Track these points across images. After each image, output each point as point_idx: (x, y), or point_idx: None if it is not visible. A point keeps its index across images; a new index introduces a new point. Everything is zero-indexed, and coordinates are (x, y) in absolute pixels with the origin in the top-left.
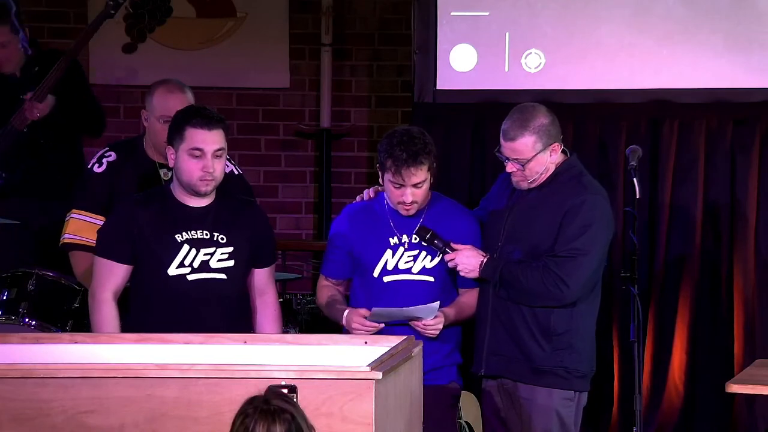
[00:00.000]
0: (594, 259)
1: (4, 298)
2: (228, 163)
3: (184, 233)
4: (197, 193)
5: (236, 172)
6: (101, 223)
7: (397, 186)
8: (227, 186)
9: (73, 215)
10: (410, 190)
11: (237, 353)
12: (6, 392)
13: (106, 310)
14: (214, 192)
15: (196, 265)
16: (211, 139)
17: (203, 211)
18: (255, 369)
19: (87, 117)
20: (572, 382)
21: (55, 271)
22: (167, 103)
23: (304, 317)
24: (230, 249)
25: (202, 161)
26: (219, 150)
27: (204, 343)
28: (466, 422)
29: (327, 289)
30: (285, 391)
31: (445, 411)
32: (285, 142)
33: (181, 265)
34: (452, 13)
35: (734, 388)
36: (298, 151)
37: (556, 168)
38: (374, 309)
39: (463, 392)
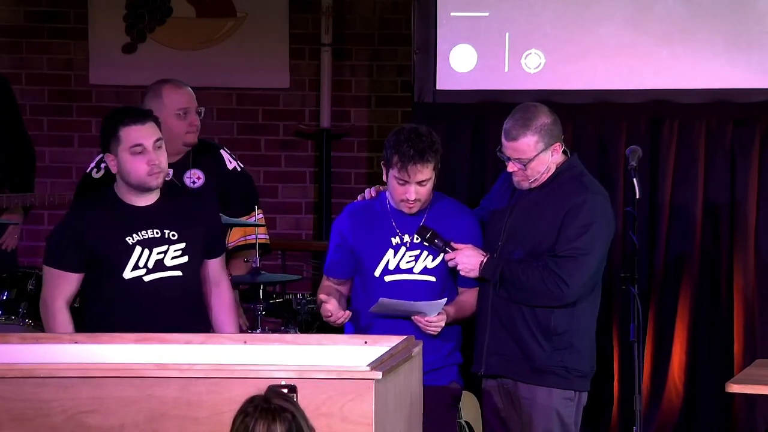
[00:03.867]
0: (594, 259)
1: (4, 298)
2: (230, 159)
3: (135, 235)
4: (148, 189)
5: (239, 169)
6: None
7: (402, 183)
8: (230, 184)
9: None
10: (414, 187)
11: (237, 353)
12: (6, 392)
13: (60, 318)
14: (159, 189)
15: (150, 265)
16: (148, 132)
17: (151, 210)
18: (255, 369)
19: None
20: (573, 381)
21: None
22: (180, 97)
23: (304, 317)
24: (183, 245)
25: (146, 156)
26: (158, 140)
27: (204, 343)
28: (466, 422)
29: (325, 289)
30: (285, 390)
31: (445, 411)
32: (285, 142)
33: (136, 267)
34: (452, 14)
35: (734, 388)
36: (298, 151)
37: (557, 168)
38: (381, 300)
39: (463, 392)
